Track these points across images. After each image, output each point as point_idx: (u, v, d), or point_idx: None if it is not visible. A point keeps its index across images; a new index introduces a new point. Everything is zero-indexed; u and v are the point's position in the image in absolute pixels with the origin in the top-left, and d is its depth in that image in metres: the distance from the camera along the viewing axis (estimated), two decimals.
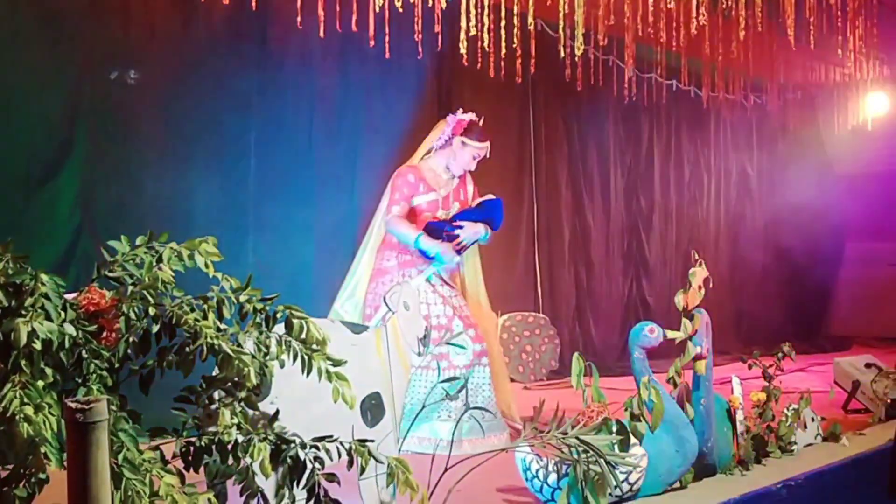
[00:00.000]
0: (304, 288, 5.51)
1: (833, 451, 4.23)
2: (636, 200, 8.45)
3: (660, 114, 8.40)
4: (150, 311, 2.09)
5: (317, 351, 2.27)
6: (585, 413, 3.24)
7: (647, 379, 3.40)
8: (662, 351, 3.75)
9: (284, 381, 2.39)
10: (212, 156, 5.30)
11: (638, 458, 3.27)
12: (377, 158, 6.14)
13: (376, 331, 2.90)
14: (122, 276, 2.14)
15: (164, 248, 2.20)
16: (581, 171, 7.92)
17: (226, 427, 2.12)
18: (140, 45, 5.03)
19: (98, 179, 4.84)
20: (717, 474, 3.72)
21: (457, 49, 5.23)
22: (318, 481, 2.20)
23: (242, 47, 5.49)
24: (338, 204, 5.92)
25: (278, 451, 2.18)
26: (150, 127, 5.05)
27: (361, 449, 2.27)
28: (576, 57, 5.89)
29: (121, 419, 1.96)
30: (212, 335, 2.07)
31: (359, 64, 5.99)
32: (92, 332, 2.02)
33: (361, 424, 2.73)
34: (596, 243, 8.00)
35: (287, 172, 5.66)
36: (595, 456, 2.87)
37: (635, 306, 8.23)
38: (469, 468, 2.82)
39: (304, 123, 5.78)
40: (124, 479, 1.89)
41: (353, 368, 2.37)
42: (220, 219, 5.21)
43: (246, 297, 2.19)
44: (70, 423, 1.73)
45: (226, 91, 5.39)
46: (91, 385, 1.96)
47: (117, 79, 4.94)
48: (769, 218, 9.53)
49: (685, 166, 8.96)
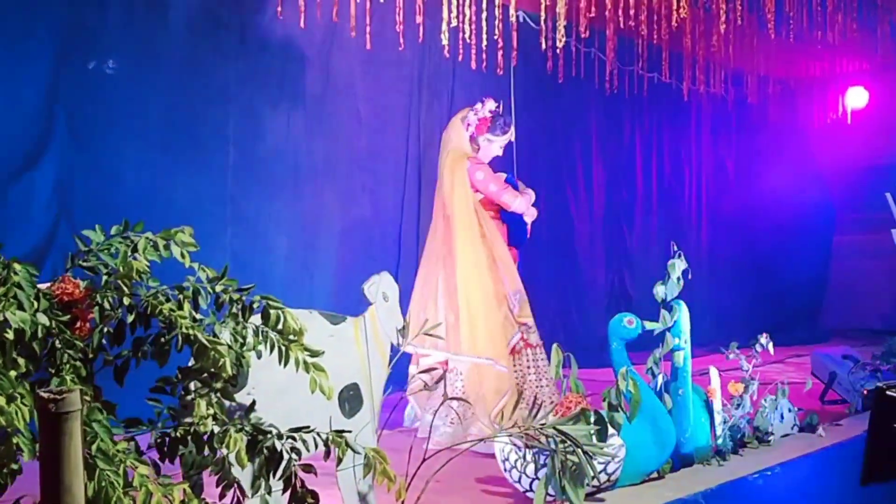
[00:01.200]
0: (282, 279, 5.50)
1: (810, 441, 4.27)
2: (618, 192, 8.46)
3: (641, 106, 8.41)
4: (124, 300, 2.07)
5: (294, 341, 2.26)
6: (563, 403, 3.25)
7: (625, 370, 3.41)
8: (644, 342, 3.77)
9: (262, 371, 2.38)
10: (190, 147, 5.26)
11: (616, 449, 3.28)
12: (357, 150, 6.13)
13: (355, 322, 2.89)
14: (96, 265, 2.12)
15: (139, 237, 2.18)
16: (562, 162, 7.92)
17: (201, 418, 2.11)
18: (118, 34, 4.97)
19: (75, 170, 4.79)
20: (695, 465, 3.75)
21: (438, 40, 5.22)
22: (295, 472, 2.20)
23: (222, 37, 5.44)
24: (316, 196, 5.89)
25: (254, 441, 2.17)
26: (129, 117, 5.00)
27: (338, 439, 2.26)
28: (557, 49, 5.89)
29: (95, 410, 1.94)
30: (187, 325, 2.06)
31: (339, 55, 5.96)
32: (66, 321, 2.00)
33: (339, 415, 2.73)
34: (577, 235, 8.00)
35: (266, 164, 5.63)
36: (572, 446, 2.88)
37: (617, 298, 8.24)
38: (447, 459, 2.83)
39: (284, 115, 5.74)
40: (98, 469, 1.87)
41: (331, 359, 2.36)
42: (199, 210, 5.17)
43: (222, 286, 2.18)
44: (42, 413, 1.72)
45: (205, 81, 5.34)
46: (64, 375, 1.94)
47: (95, 68, 4.89)
48: (750, 211, 9.56)
49: (666, 159, 8.98)
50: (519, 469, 3.29)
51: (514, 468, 3.31)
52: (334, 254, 5.91)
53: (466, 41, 5.41)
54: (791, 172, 9.72)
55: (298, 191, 5.79)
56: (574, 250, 7.97)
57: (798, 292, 9.91)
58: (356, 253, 5.99)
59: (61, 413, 1.70)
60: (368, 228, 6.20)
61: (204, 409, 2.13)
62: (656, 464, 3.55)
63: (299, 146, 5.82)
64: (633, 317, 3.65)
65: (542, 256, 7.70)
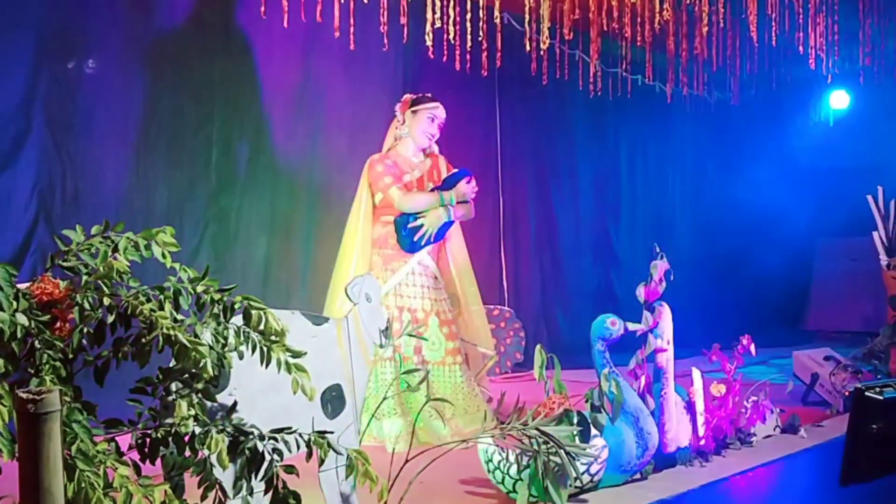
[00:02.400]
0: (264, 279, 5.49)
1: (791, 442, 4.29)
2: (603, 193, 8.50)
3: (625, 108, 8.45)
4: (105, 301, 2.06)
5: (276, 342, 2.25)
6: (546, 404, 3.25)
7: (608, 371, 3.42)
8: (627, 343, 3.77)
9: (244, 372, 2.37)
10: (172, 146, 5.24)
11: (599, 450, 3.29)
12: (340, 151, 6.12)
13: (337, 322, 2.89)
14: (76, 265, 2.11)
15: (120, 237, 2.16)
16: (547, 164, 7.95)
17: (182, 419, 2.10)
18: (99, 33, 4.96)
19: (55, 170, 4.76)
20: (678, 466, 3.76)
21: (422, 41, 5.22)
22: (277, 473, 2.19)
23: (205, 37, 5.43)
24: (298, 196, 5.88)
25: (236, 442, 2.16)
26: (109, 117, 4.98)
27: (320, 440, 2.26)
28: (542, 51, 5.90)
29: (74, 410, 1.93)
30: (168, 326, 2.05)
31: (323, 55, 5.95)
32: (45, 322, 1.99)
33: (322, 416, 2.72)
34: (562, 236, 8.02)
35: (248, 164, 5.62)
36: (555, 447, 2.88)
37: (603, 299, 8.26)
38: (430, 460, 2.83)
39: (267, 115, 5.73)
40: (78, 470, 1.86)
41: (314, 360, 2.36)
42: (180, 210, 5.16)
43: (203, 287, 2.16)
44: (21, 414, 1.71)
45: (187, 81, 5.33)
46: (44, 376, 1.93)
47: (75, 68, 4.87)
48: (732, 212, 9.61)
49: (650, 161, 9.02)
50: (502, 470, 3.29)
51: (497, 469, 3.31)
52: (315, 254, 5.89)
53: (451, 42, 5.42)
54: (774, 174, 9.78)
55: (280, 190, 5.78)
56: (559, 251, 7.98)
57: (780, 294, 9.97)
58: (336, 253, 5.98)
59: (40, 413, 1.69)
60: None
61: (185, 409, 2.11)
62: (639, 465, 3.55)
63: (281, 146, 5.81)
64: (616, 318, 3.66)
65: (527, 257, 7.73)
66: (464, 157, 6.04)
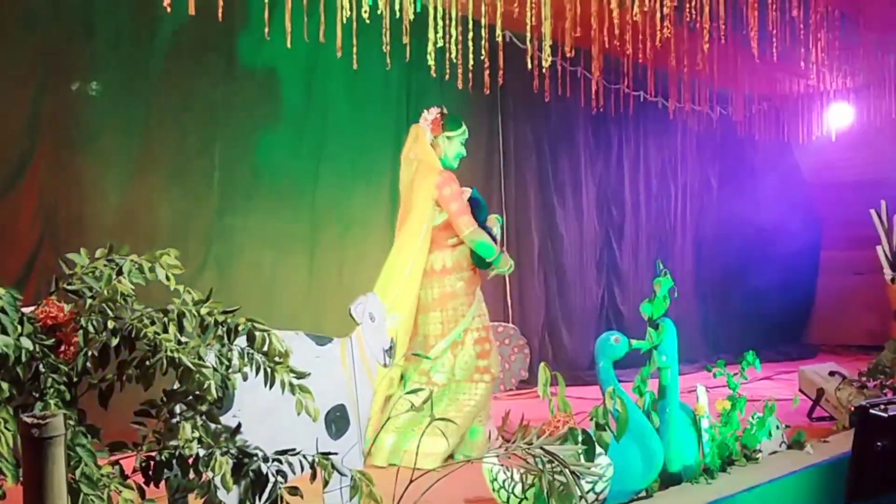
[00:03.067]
0: (268, 298, 5.49)
1: (797, 458, 4.26)
2: (606, 209, 8.49)
3: (628, 124, 8.47)
4: (109, 324, 2.06)
5: (280, 363, 2.25)
6: (551, 423, 3.24)
7: (612, 388, 3.41)
8: (632, 360, 3.77)
9: (248, 394, 2.38)
10: (176, 168, 5.26)
11: (604, 468, 3.28)
12: (344, 170, 6.15)
13: (341, 342, 2.89)
14: (80, 288, 2.12)
15: (124, 260, 2.18)
16: (550, 180, 7.95)
17: (186, 441, 2.10)
18: (103, 55, 4.98)
19: (59, 192, 4.78)
20: (683, 483, 3.74)
21: (424, 60, 5.24)
22: (281, 495, 2.19)
23: (209, 58, 5.46)
24: (302, 215, 5.90)
25: (240, 464, 2.16)
26: (113, 138, 5.00)
27: (324, 462, 2.25)
28: (544, 68, 5.92)
29: (79, 434, 1.93)
30: (172, 348, 2.06)
31: (326, 75, 5.98)
32: (49, 345, 2.00)
33: (326, 437, 2.72)
34: (567, 252, 8.02)
35: (251, 184, 5.64)
36: (560, 466, 2.87)
37: (608, 315, 8.26)
38: (434, 480, 2.82)
39: (270, 135, 5.76)
40: (82, 494, 1.86)
41: (318, 380, 2.36)
42: (184, 231, 5.17)
43: (207, 309, 2.17)
44: (26, 438, 1.71)
45: (191, 102, 5.35)
46: (48, 399, 1.93)
47: (79, 90, 4.89)
48: (736, 227, 9.61)
49: (653, 176, 9.03)
50: (507, 489, 3.28)
51: (502, 488, 3.30)
52: (319, 272, 5.90)
53: (453, 61, 5.44)
54: (777, 189, 9.79)
55: (283, 210, 5.79)
56: (563, 267, 7.97)
57: (785, 309, 9.95)
58: (341, 272, 5.99)
59: (45, 438, 1.70)
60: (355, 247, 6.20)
61: (189, 431, 2.11)
62: (644, 483, 3.54)
63: (284, 166, 5.83)
64: (620, 335, 3.66)
65: (531, 274, 7.72)
66: (467, 174, 6.06)
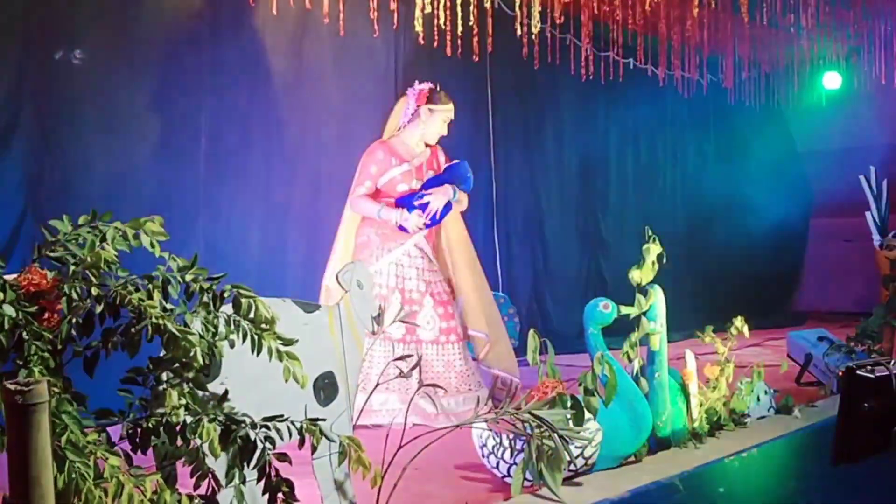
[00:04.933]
0: (256, 268, 5.47)
1: (785, 423, 4.30)
2: (594, 178, 8.47)
3: (617, 91, 8.42)
4: (93, 291, 2.05)
5: (266, 330, 2.24)
6: (539, 388, 3.25)
7: (601, 354, 3.42)
8: (621, 327, 3.78)
9: (235, 361, 2.37)
10: (162, 136, 5.21)
11: (592, 433, 3.30)
12: (330, 138, 6.10)
13: (329, 309, 2.88)
14: (63, 256, 2.09)
15: (107, 227, 2.16)
16: (539, 148, 7.93)
17: (173, 408, 2.09)
18: (86, 23, 4.91)
19: (43, 161, 4.73)
20: (672, 448, 3.77)
21: (412, 27, 5.19)
22: (269, 461, 2.19)
23: (194, 25, 5.39)
24: (289, 185, 5.86)
25: (228, 431, 2.15)
26: (98, 107, 4.94)
27: (312, 428, 2.25)
28: (532, 35, 5.88)
29: (64, 401, 1.92)
30: (157, 315, 2.04)
31: (313, 42, 5.92)
32: (33, 313, 1.98)
33: (315, 404, 2.72)
34: (553, 221, 8.01)
35: (238, 153, 5.59)
36: (549, 431, 2.88)
37: (593, 283, 8.26)
38: (423, 445, 2.83)
39: (257, 103, 5.70)
40: (67, 461, 1.85)
41: (306, 347, 2.35)
42: (170, 200, 5.12)
43: (192, 276, 2.15)
44: (9, 405, 1.70)
45: (176, 70, 5.29)
46: (32, 367, 1.92)
47: (62, 58, 4.83)
48: (727, 194, 9.61)
49: (642, 143, 9.00)
50: (497, 455, 3.29)
51: (491, 454, 3.31)
52: (307, 242, 5.87)
53: (441, 28, 5.39)
54: (768, 156, 9.78)
55: (270, 179, 5.75)
56: (549, 236, 7.97)
57: (774, 275, 9.98)
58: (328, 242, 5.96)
59: (28, 405, 1.68)
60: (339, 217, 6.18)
61: (176, 399, 2.10)
62: (633, 447, 3.57)
63: (271, 134, 5.78)
64: (609, 301, 3.66)
65: (519, 242, 7.72)
66: (456, 143, 6.04)
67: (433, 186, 4.69)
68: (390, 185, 4.69)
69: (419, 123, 4.74)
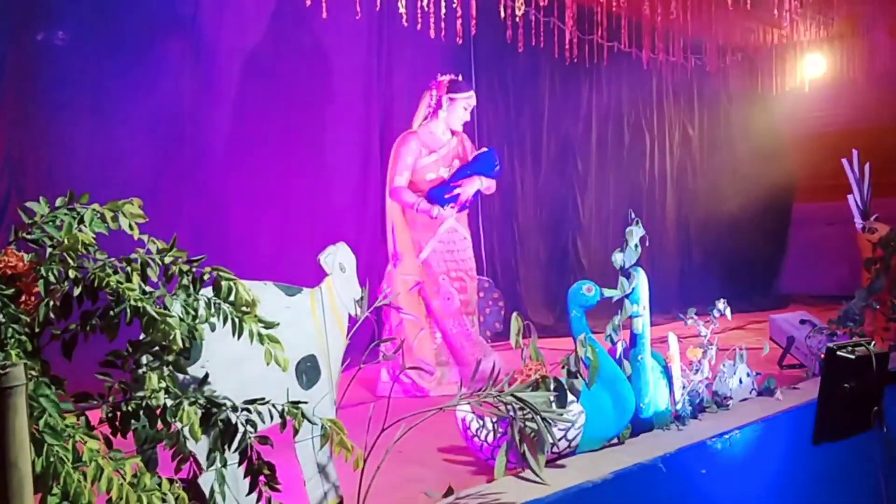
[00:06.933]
0: (242, 250, 5.44)
1: (767, 405, 4.32)
2: (574, 161, 8.45)
3: (601, 75, 8.40)
4: (70, 273, 2.02)
5: (247, 313, 2.22)
6: (522, 371, 3.25)
7: (584, 336, 3.42)
8: (604, 309, 3.78)
9: (216, 344, 2.35)
10: (145, 120, 5.16)
11: (576, 415, 3.30)
12: (314, 121, 6.06)
13: (311, 293, 2.86)
14: (41, 238, 2.07)
15: (85, 209, 2.13)
16: (523, 131, 7.90)
17: (153, 391, 2.07)
18: (69, 5, 4.85)
19: (25, 144, 4.68)
20: (654, 429, 3.78)
21: (396, 8, 5.16)
22: (251, 444, 2.18)
23: (176, 8, 5.34)
24: (273, 168, 5.83)
25: (209, 414, 2.14)
26: (81, 90, 4.88)
27: (294, 411, 2.24)
28: (517, 18, 5.86)
29: (42, 384, 1.90)
30: (136, 298, 2.02)
31: (295, 25, 5.87)
32: (9, 295, 1.95)
33: (297, 387, 2.70)
34: (534, 205, 8.00)
35: (222, 136, 5.55)
36: (531, 413, 2.89)
37: (571, 268, 8.24)
38: (406, 428, 2.82)
39: (240, 86, 5.65)
40: (46, 445, 1.84)
41: (287, 330, 2.33)
42: (155, 184, 5.09)
43: (171, 258, 2.13)
44: None
45: (160, 53, 5.24)
46: (9, 350, 1.89)
47: (44, 39, 4.77)
48: (711, 178, 9.63)
49: (626, 127, 8.99)
50: (480, 437, 3.29)
51: (475, 436, 3.32)
52: (291, 226, 5.85)
53: (425, 9, 5.36)
54: (751, 139, 9.80)
55: (255, 161, 5.72)
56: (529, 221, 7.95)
57: (757, 259, 10.02)
58: (313, 223, 5.94)
59: (4, 388, 1.67)
60: (327, 198, 6.15)
61: (156, 382, 2.09)
62: (616, 429, 3.58)
63: (255, 116, 5.74)
64: (593, 284, 3.66)
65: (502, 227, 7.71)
66: None
67: (462, 178, 4.98)
68: (420, 172, 4.98)
69: (442, 112, 5.00)
